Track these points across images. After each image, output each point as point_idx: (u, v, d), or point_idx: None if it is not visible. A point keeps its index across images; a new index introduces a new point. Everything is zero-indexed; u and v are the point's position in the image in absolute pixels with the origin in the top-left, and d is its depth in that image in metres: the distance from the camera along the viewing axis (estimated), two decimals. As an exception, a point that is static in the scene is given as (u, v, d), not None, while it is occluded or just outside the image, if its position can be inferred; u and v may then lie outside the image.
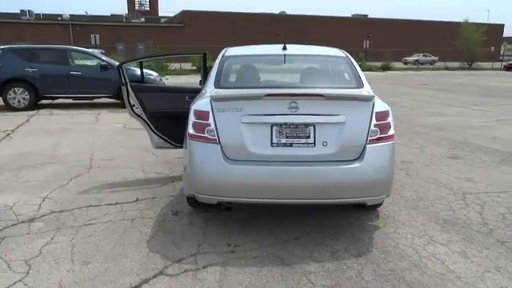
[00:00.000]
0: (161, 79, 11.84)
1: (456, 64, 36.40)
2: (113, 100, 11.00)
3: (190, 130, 3.08)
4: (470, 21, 39.19)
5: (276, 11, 50.45)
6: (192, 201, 3.58)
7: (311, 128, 2.94)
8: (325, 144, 2.94)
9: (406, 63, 39.60)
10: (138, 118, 4.65)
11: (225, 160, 2.93)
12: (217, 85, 3.38)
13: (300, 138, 2.94)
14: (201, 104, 3.08)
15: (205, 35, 41.18)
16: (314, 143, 2.94)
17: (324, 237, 3.26)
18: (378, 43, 44.18)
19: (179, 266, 2.81)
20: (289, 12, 49.80)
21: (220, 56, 3.87)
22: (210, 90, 3.33)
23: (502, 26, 53.57)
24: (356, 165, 2.91)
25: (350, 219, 3.59)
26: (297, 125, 2.94)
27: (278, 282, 2.64)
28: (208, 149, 2.97)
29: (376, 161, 2.95)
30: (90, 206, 3.91)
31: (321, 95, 2.94)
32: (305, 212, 3.67)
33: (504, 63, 35.88)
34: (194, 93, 4.49)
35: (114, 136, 7.20)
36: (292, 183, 2.91)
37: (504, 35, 53.58)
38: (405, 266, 2.82)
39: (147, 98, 4.53)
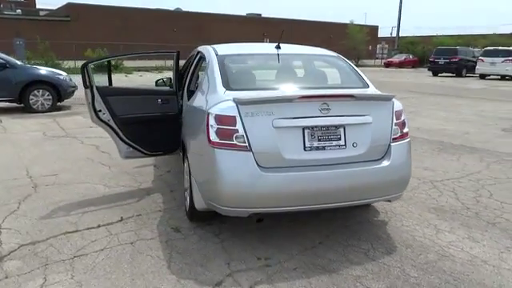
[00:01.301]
0: (70, 79, 10.61)
1: (346, 62, 39.69)
2: (14, 104, 9.58)
3: (212, 137, 2.77)
4: (355, 22, 43.24)
5: (172, 8, 49.10)
6: (199, 215, 3.27)
7: (341, 129, 2.89)
8: (355, 145, 2.91)
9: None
10: (104, 125, 4.08)
11: (259, 168, 2.71)
12: (227, 86, 3.11)
13: (331, 140, 2.87)
14: (224, 108, 2.80)
15: (96, 31, 38.12)
16: (345, 145, 2.89)
17: (345, 238, 3.25)
18: (274, 42, 46.00)
19: (223, 290, 2.53)
20: (185, 9, 48.91)
21: (211, 55, 3.58)
22: (222, 92, 3.05)
23: (377, 27, 60.20)
24: (385, 164, 2.95)
25: (355, 217, 3.63)
26: (328, 127, 2.86)
27: (332, 291, 2.54)
28: (238, 157, 2.72)
29: (401, 158, 3.02)
30: (67, 232, 3.31)
31: (352, 96, 2.90)
32: (311, 215, 3.61)
33: (384, 60, 40.31)
34: (167, 95, 4.12)
35: (40, 146, 6.23)
36: (329, 187, 2.82)
37: (379, 35, 60.23)
38: (435, 258, 2.94)
39: (116, 103, 3.99)
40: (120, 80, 19.02)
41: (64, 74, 10.59)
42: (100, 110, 3.98)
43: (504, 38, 56.76)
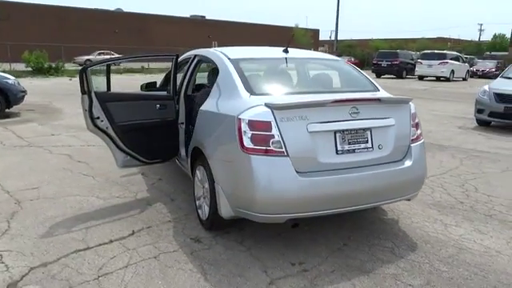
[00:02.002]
0: (19, 83, 9.81)
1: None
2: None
3: (246, 143, 2.71)
4: (300, 26, 44.37)
5: (112, 8, 47.14)
6: (219, 223, 3.19)
7: (368, 132, 2.96)
8: (380, 147, 2.99)
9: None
10: (101, 132, 3.82)
11: (297, 173, 2.70)
12: (250, 91, 3.05)
13: (360, 143, 2.93)
14: (259, 113, 2.74)
15: (30, 31, 35.59)
16: (372, 147, 2.97)
17: (365, 237, 3.32)
18: (220, 45, 45.88)
19: (271, 299, 2.48)
20: (126, 9, 47.24)
21: (223, 59, 3.50)
22: (246, 96, 2.99)
23: (318, 30, 62.50)
24: (408, 164, 3.06)
25: (366, 218, 3.72)
26: (357, 130, 2.92)
27: (378, 291, 2.59)
28: (276, 163, 2.69)
29: (420, 158, 3.16)
30: (78, 250, 3.06)
31: (379, 99, 2.98)
32: (324, 219, 3.63)
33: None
34: (164, 100, 3.99)
35: (2, 158, 5.69)
36: (360, 189, 2.88)
37: (320, 39, 62.52)
38: (454, 251, 3.11)
39: (115, 109, 3.76)
40: (66, 83, 17.97)
41: (12, 77, 9.77)
42: (98, 117, 3.72)
43: (431, 41, 61.37)
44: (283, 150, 2.68)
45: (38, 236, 3.28)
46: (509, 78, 8.65)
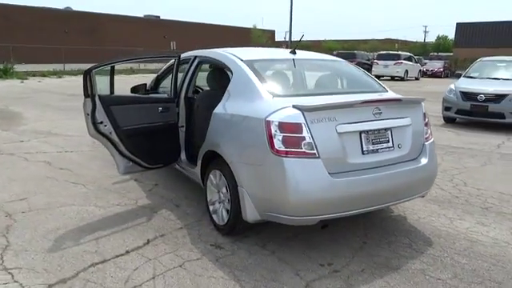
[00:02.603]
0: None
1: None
2: None
3: (277, 146, 2.68)
4: (251, 26, 44.59)
5: (61, 7, 44.81)
6: (240, 228, 3.14)
7: (389, 132, 3.03)
8: (400, 146, 3.07)
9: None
10: (103, 138, 3.64)
11: (329, 174, 2.71)
12: (272, 93, 3.02)
13: (382, 142, 2.99)
14: (289, 115, 2.72)
15: (-31, 30, 33.11)
16: (393, 146, 3.04)
17: (382, 235, 3.40)
18: (179, 46, 44.95)
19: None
20: (76, 8, 45.12)
21: (235, 60, 3.44)
22: (269, 98, 2.97)
23: (274, 31, 63.14)
24: (423, 162, 3.17)
25: (375, 216, 3.80)
26: (379, 130, 2.98)
27: (411, 286, 2.65)
28: (308, 164, 2.68)
29: (433, 156, 3.28)
30: (96, 263, 2.89)
31: (400, 100, 3.06)
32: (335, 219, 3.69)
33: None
34: (166, 103, 3.88)
35: (-25, 167, 5.26)
36: (385, 188, 2.94)
37: (276, 39, 63.26)
38: (467, 244, 3.26)
39: (119, 113, 3.59)
40: (18, 86, 16.90)
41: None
42: (101, 122, 3.52)
43: (380, 42, 64.08)
44: (315, 151, 2.68)
45: (45, 250, 3.06)
46: (472, 78, 9.21)
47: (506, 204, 4.16)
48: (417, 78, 26.34)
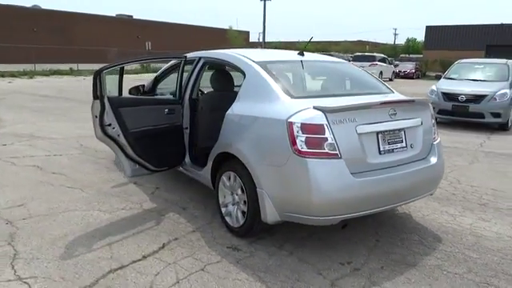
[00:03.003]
0: None
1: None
2: None
3: (301, 147, 2.71)
4: (226, 27, 44.54)
5: (28, 4, 43.15)
6: (256, 229, 3.14)
7: (402, 132, 3.11)
8: (412, 146, 3.16)
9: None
10: (110, 141, 3.55)
11: (351, 174, 2.75)
12: (289, 94, 3.05)
13: (397, 142, 3.07)
14: (312, 117, 2.75)
15: None
16: (406, 146, 3.12)
17: (392, 232, 3.48)
18: (154, 46, 44.24)
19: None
20: (44, 7, 43.66)
21: (247, 62, 3.44)
22: (287, 100, 2.99)
23: (249, 32, 63.34)
24: (433, 161, 3.27)
25: (381, 214, 3.87)
26: (394, 130, 3.05)
27: (431, 281, 2.73)
28: (331, 165, 2.72)
29: (441, 155, 3.39)
30: (114, 270, 2.82)
31: (413, 101, 3.15)
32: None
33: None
34: (172, 104, 3.84)
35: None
36: (401, 187, 3.02)
37: (250, 40, 63.44)
38: (474, 239, 3.38)
39: (128, 115, 3.52)
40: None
41: None
42: (110, 124, 3.44)
43: (352, 44, 65.42)
44: (337, 152, 2.72)
45: (58, 258, 2.96)
46: (452, 79, 9.54)
47: (501, 200, 4.35)
48: (390, 79, 27.03)
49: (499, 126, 8.53)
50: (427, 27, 42.41)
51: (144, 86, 4.91)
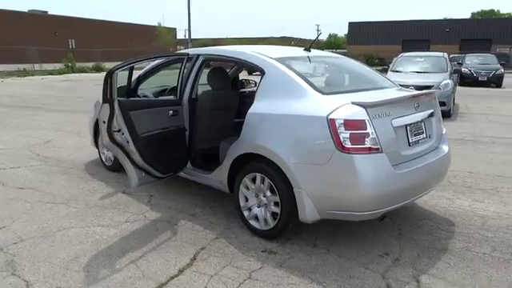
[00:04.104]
0: None
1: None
2: None
3: (345, 143, 2.68)
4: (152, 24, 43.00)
5: None
6: (292, 230, 3.09)
7: (423, 124, 3.22)
8: (430, 136, 3.30)
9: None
10: (117, 148, 3.24)
11: (393, 167, 2.80)
12: (319, 91, 3.00)
13: (420, 134, 3.18)
14: (354, 112, 2.73)
15: None
16: (427, 136, 3.25)
17: (407, 220, 3.60)
18: (77, 44, 41.13)
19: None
20: None
21: (265, 59, 3.33)
22: (319, 96, 2.95)
23: (175, 29, 61.85)
24: (446, 150, 3.44)
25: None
26: (417, 122, 3.15)
27: (468, 263, 2.88)
28: (375, 159, 2.73)
29: (448, 144, 3.57)
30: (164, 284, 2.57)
31: (433, 93, 3.27)
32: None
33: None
34: (175, 106, 3.65)
35: None
36: (429, 176, 3.15)
37: (177, 37, 62.06)
38: (481, 220, 3.62)
39: (138, 119, 3.23)
40: None
41: None
42: (119, 130, 3.12)
43: (278, 40, 67.02)
44: (378, 146, 2.74)
45: (83, 284, 2.63)
46: (398, 72, 10.16)
47: (481, 181, 4.72)
48: (323, 74, 28.10)
49: (444, 114, 9.23)
50: (350, 23, 44.82)
51: (129, 86, 4.51)
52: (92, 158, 5.78)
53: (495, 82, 17.61)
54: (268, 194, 3.13)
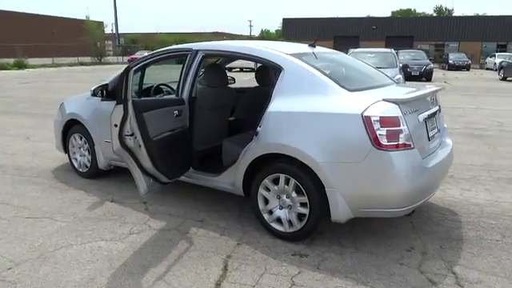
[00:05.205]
0: None
1: (88, 59, 36.83)
2: None
3: (382, 140, 2.67)
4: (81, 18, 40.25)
5: None
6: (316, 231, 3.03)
7: (434, 118, 3.32)
8: (440, 130, 3.41)
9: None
10: (126, 154, 2.94)
11: (424, 163, 2.84)
12: (346, 88, 2.95)
13: (434, 128, 3.27)
14: (389, 109, 2.72)
15: None
16: (438, 130, 3.36)
17: (416, 213, 3.70)
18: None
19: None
20: None
21: (281, 55, 3.21)
22: (345, 93, 2.91)
23: (103, 23, 58.42)
24: (450, 142, 3.58)
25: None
26: (432, 117, 3.24)
27: (489, 251, 3.02)
28: (410, 156, 2.75)
29: (450, 137, 3.72)
30: (197, 306, 2.36)
31: (444, 89, 3.37)
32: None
33: (127, 57, 39.46)
34: (179, 105, 3.45)
35: None
36: (446, 169, 3.25)
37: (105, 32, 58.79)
38: (478, 208, 3.82)
39: (151, 120, 2.95)
40: None
41: None
42: (132, 134, 2.81)
43: (210, 35, 66.47)
44: (411, 142, 2.76)
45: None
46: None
47: (459, 171, 5.01)
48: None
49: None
50: (284, 19, 45.72)
51: (107, 85, 4.12)
52: (57, 164, 5.24)
53: (426, 76, 19.03)
54: (293, 195, 3.03)
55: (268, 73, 4.43)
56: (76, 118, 4.52)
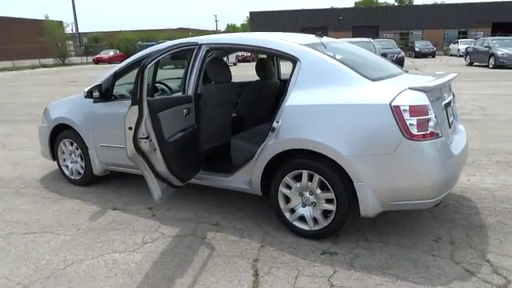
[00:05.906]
0: None
1: (51, 61, 35.26)
2: None
3: (412, 130, 2.58)
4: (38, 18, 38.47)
5: None
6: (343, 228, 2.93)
7: (450, 106, 3.28)
8: (454, 118, 3.37)
9: None
10: (140, 159, 2.72)
11: (452, 150, 2.79)
12: (369, 78, 2.84)
13: (451, 115, 3.22)
14: (417, 98, 2.62)
15: None
16: (454, 117, 3.32)
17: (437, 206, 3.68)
18: None
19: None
20: None
21: (295, 46, 3.07)
22: (367, 82, 2.80)
23: (62, 22, 56.14)
24: (463, 129, 3.56)
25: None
26: (450, 104, 3.19)
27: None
28: (440, 144, 2.68)
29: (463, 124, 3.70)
30: (238, 318, 2.21)
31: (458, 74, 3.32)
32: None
33: (92, 57, 38.20)
34: (188, 103, 3.27)
35: None
36: (466, 156, 3.21)
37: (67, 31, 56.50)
38: (489, 193, 3.84)
39: (166, 121, 2.75)
40: None
41: None
42: (147, 137, 2.59)
43: (175, 31, 65.40)
44: (439, 131, 2.69)
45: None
46: (333, 58, 10.46)
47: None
48: (235, 64, 28.16)
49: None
50: (251, 13, 45.41)
51: (101, 85, 3.84)
52: (43, 172, 4.91)
53: (398, 64, 19.33)
54: (318, 191, 2.91)
55: (269, 65, 4.27)
56: (65, 123, 4.21)
